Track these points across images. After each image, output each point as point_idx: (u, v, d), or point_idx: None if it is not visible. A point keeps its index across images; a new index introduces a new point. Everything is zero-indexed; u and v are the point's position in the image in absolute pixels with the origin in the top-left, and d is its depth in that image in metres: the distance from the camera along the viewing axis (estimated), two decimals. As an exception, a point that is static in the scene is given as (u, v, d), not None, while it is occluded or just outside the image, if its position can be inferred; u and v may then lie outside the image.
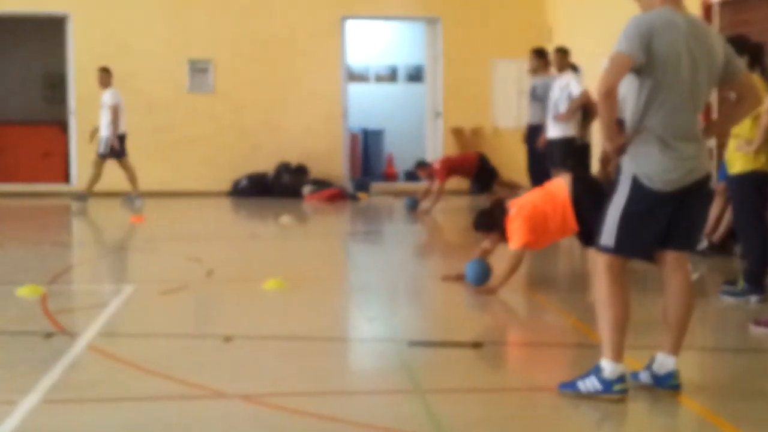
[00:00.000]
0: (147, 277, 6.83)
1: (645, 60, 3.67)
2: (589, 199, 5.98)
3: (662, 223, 3.78)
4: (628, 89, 3.77)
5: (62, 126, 14.82)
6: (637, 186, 3.75)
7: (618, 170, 3.87)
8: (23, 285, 6.09)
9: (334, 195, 13.23)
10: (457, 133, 15.01)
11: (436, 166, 11.59)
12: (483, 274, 6.16)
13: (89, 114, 14.36)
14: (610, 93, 3.66)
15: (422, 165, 12.10)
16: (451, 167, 11.52)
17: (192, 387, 4.01)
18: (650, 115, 3.73)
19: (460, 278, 6.41)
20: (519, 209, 6.19)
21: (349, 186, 14.32)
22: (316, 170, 14.53)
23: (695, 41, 3.73)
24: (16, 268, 7.26)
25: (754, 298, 5.78)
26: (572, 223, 6.16)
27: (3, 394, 3.92)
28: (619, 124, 4.06)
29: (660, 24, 3.69)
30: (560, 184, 6.30)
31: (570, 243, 9.34)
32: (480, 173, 11.87)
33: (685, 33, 3.71)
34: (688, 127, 3.76)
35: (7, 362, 4.46)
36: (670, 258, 3.88)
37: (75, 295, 6.52)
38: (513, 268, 6.07)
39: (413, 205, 11.49)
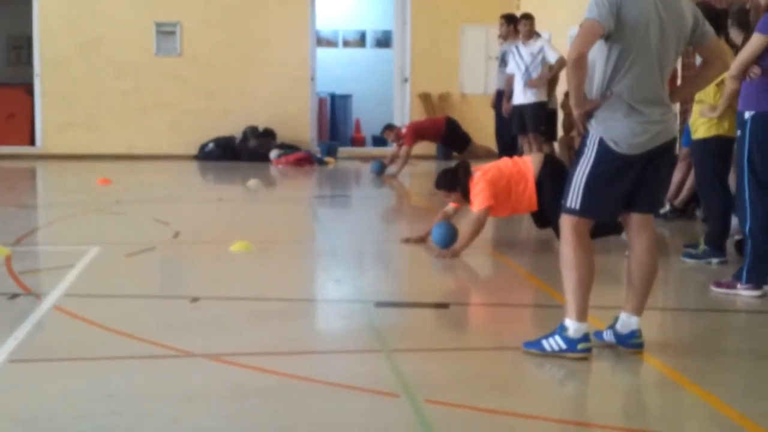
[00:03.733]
0: (113, 239, 6.78)
1: (615, 26, 3.68)
2: (553, 183, 6.08)
3: (627, 186, 3.83)
4: (597, 55, 3.79)
5: (27, 88, 14.58)
6: (603, 149, 3.78)
7: (585, 135, 3.90)
8: (-13, 246, 6.04)
9: (302, 159, 13.20)
10: (425, 98, 15.00)
11: (404, 129, 11.58)
12: (449, 237, 6.20)
13: (54, 76, 14.17)
14: (580, 60, 3.68)
15: (390, 127, 12.08)
16: (418, 131, 11.53)
17: (159, 347, 4.01)
18: (618, 80, 3.75)
19: (421, 240, 6.44)
20: (484, 173, 6.23)
21: (316, 150, 14.28)
22: (283, 134, 14.47)
23: (664, 6, 3.75)
24: (-20, 229, 7.18)
25: (714, 261, 5.89)
26: (533, 199, 6.25)
27: (-33, 355, 3.90)
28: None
29: None
30: (530, 161, 6.37)
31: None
32: (448, 137, 11.88)
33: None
34: (655, 92, 3.79)
35: (-29, 323, 4.43)
36: (635, 220, 3.94)
37: (40, 256, 6.47)
38: (475, 231, 6.11)
39: (380, 170, 11.49)
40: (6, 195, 9.70)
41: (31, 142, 14.51)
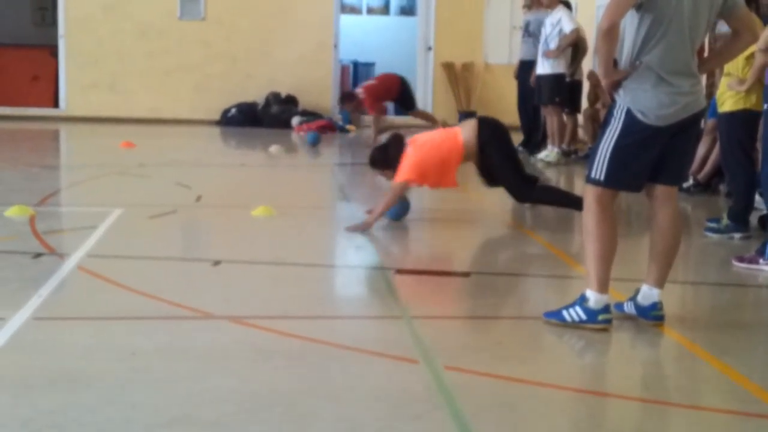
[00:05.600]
0: (136, 201, 6.82)
1: None
2: (495, 144, 6.11)
3: (653, 157, 3.80)
4: (627, 24, 3.75)
5: (52, 50, 14.62)
6: (630, 120, 3.75)
7: (612, 105, 3.87)
8: (12, 206, 6.09)
9: (324, 126, 13.18)
10: (448, 67, 14.91)
11: (361, 96, 11.03)
12: (400, 209, 6.12)
13: (79, 38, 14.20)
14: (612, 29, 3.64)
15: (347, 97, 11.50)
16: (376, 94, 11.01)
17: (181, 308, 4.04)
18: (648, 50, 3.71)
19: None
20: (419, 146, 6.08)
21: (338, 118, 14.26)
22: (305, 101, 14.46)
23: (697, -25, 3.70)
24: (5, 189, 7.24)
25: (737, 236, 5.85)
26: (454, 178, 6.16)
27: (-7, 311, 3.95)
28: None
29: None
30: (460, 132, 6.19)
31: (557, 178, 9.41)
32: (401, 96, 11.36)
33: None
34: (685, 63, 3.74)
35: (-4, 281, 4.48)
36: (660, 192, 3.91)
37: (64, 217, 6.51)
38: (389, 202, 5.92)
39: (315, 141, 11.14)
40: (30, 156, 9.78)
41: (55, 104, 14.57)
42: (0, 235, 5.47)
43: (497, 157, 6.17)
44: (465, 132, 6.14)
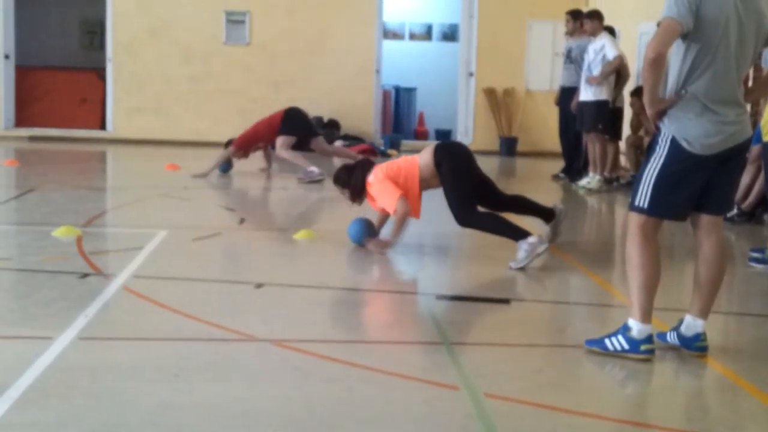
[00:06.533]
0: (181, 223, 6.92)
1: (693, 25, 3.63)
2: (447, 164, 5.98)
3: (698, 186, 3.77)
4: (672, 53, 3.74)
5: (99, 73, 14.91)
6: (675, 148, 3.73)
7: (656, 133, 3.85)
8: (60, 227, 6.22)
9: (365, 150, 13.24)
10: (489, 93, 14.94)
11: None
12: (361, 231, 6.11)
13: (126, 61, 14.47)
14: (658, 59, 3.63)
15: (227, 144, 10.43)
16: (244, 142, 10.17)
17: (223, 330, 4.09)
18: (694, 80, 3.70)
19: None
20: (383, 169, 6.12)
21: (379, 142, 14.33)
22: (347, 125, 14.57)
23: (744, 5, 3.68)
24: (54, 210, 7.38)
25: (782, 267, 5.78)
26: (417, 205, 6.10)
27: (40, 330, 4.03)
28: None
29: None
30: (418, 158, 6.17)
31: (599, 206, 9.36)
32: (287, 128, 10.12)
33: None
34: (731, 92, 3.73)
35: (44, 300, 4.56)
36: (704, 221, 3.88)
37: (110, 238, 6.62)
38: (402, 217, 5.94)
39: (225, 169, 10.47)
40: (77, 178, 9.95)
41: (102, 126, 14.84)
42: (48, 255, 5.58)
43: (445, 176, 6.00)
44: (423, 156, 6.13)
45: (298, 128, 10.09)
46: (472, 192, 6.06)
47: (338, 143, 13.77)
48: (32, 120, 14.82)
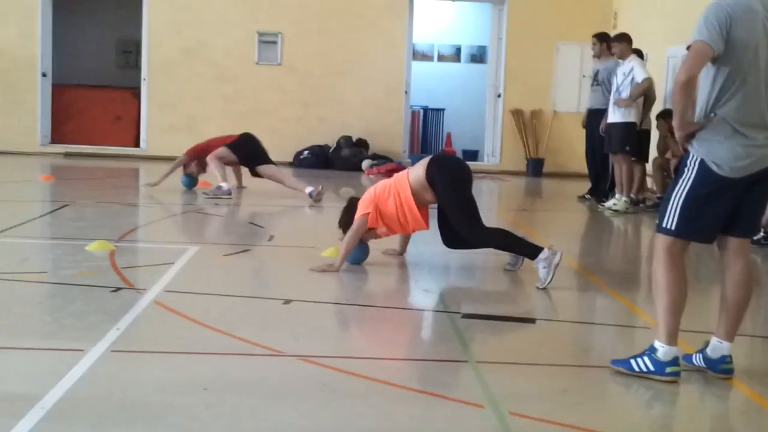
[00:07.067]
0: (211, 239, 7.01)
1: (724, 48, 3.66)
2: (441, 177, 5.88)
3: (726, 209, 3.78)
4: (702, 76, 3.75)
5: (134, 91, 15.14)
6: (703, 171, 3.74)
7: (685, 155, 3.87)
8: (94, 241, 6.32)
9: (393, 170, 13.32)
10: (517, 114, 14.98)
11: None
12: (359, 253, 6.12)
13: (160, 81, 14.69)
14: (690, 83, 3.65)
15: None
16: (195, 152, 10.18)
17: (252, 344, 4.14)
18: (723, 103, 3.71)
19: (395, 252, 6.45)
20: (373, 188, 6.12)
21: (407, 162, 14.40)
22: (376, 145, 14.67)
23: (773, 28, 3.71)
24: (88, 225, 7.49)
25: (811, 291, 5.75)
26: (417, 216, 6.00)
27: (73, 343, 4.10)
28: None
29: (739, 11, 3.66)
30: (408, 172, 6.10)
31: (625, 227, 9.35)
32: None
33: (763, 19, 3.69)
34: (761, 115, 3.73)
35: (77, 313, 4.64)
36: (732, 244, 3.88)
37: (142, 253, 6.72)
38: (350, 239, 5.91)
39: (189, 185, 10.40)
40: (111, 194, 10.08)
41: (136, 143, 15.06)
42: (82, 269, 5.67)
43: (441, 189, 5.89)
44: (415, 169, 6.07)
45: (241, 155, 10.04)
46: (473, 202, 5.96)
47: (366, 162, 13.87)
48: (68, 137, 15.07)
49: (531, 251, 5.80)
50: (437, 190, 5.93)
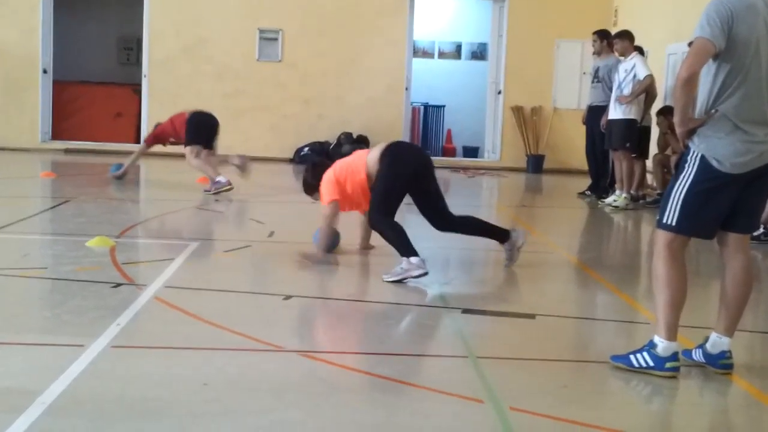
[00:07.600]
0: (211, 235, 7.01)
1: (725, 45, 3.66)
2: (391, 162, 5.90)
3: (726, 205, 3.78)
4: (704, 72, 3.76)
5: (135, 88, 15.14)
6: (704, 167, 3.74)
7: (686, 151, 3.87)
8: (94, 237, 6.33)
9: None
10: (517, 111, 14.98)
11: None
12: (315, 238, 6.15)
13: (161, 77, 14.69)
14: (692, 78, 3.66)
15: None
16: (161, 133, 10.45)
17: (252, 340, 4.14)
18: (724, 99, 3.72)
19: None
20: (334, 168, 6.17)
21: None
22: (376, 141, 14.59)
23: (775, 25, 3.71)
24: (88, 221, 7.50)
25: (812, 287, 5.75)
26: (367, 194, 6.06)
27: (73, 339, 4.10)
28: None
29: (740, 8, 3.67)
30: (367, 153, 6.17)
31: (625, 223, 9.35)
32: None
33: (764, 15, 3.69)
34: (762, 112, 3.74)
35: (77, 309, 4.65)
36: (732, 240, 3.89)
37: (142, 249, 6.72)
38: (325, 228, 6.01)
39: (117, 170, 10.62)
40: (111, 189, 10.09)
41: (137, 139, 15.05)
42: (82, 265, 5.68)
43: (379, 173, 5.90)
44: (373, 151, 6.11)
45: (201, 137, 10.06)
46: (401, 198, 5.98)
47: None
48: (68, 133, 15.07)
49: (407, 251, 5.71)
50: (380, 171, 5.92)
